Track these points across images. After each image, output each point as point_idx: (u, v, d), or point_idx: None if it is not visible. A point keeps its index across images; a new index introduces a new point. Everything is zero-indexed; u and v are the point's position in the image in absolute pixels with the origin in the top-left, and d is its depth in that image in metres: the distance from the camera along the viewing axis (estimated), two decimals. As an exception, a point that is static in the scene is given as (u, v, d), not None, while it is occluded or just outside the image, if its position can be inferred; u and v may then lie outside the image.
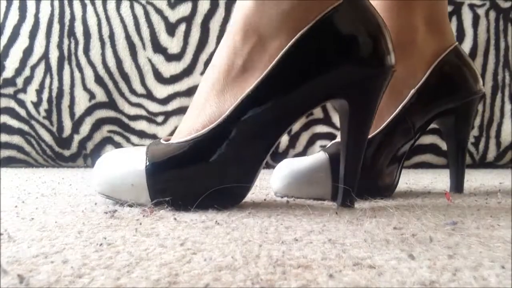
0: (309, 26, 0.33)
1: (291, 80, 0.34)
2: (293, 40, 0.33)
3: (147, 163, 0.34)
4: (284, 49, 0.34)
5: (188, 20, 0.94)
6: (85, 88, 0.94)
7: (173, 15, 0.94)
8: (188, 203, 0.34)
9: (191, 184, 0.34)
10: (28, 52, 0.93)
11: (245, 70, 0.35)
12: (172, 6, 0.94)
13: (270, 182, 0.42)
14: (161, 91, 0.94)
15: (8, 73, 0.93)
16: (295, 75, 0.34)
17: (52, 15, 0.94)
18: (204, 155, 0.34)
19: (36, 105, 0.94)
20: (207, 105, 0.35)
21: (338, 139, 0.42)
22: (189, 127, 0.35)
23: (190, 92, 0.94)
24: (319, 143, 0.96)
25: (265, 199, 0.42)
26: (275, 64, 0.34)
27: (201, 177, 0.34)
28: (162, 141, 0.37)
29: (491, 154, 0.99)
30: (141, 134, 0.95)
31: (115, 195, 0.36)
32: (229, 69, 0.35)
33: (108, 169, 0.36)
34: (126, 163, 0.35)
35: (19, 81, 0.94)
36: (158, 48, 0.94)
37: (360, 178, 0.36)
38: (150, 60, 0.94)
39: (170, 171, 0.34)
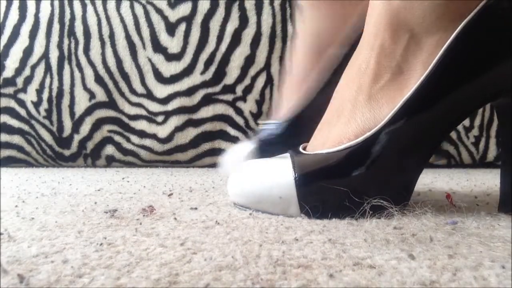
0: (474, 13, 0.30)
1: (457, 78, 0.31)
2: (456, 32, 0.30)
3: (296, 174, 0.32)
4: (446, 44, 0.30)
5: (188, 19, 0.94)
6: (85, 88, 0.94)
7: (173, 15, 0.94)
8: (342, 213, 0.31)
9: (346, 194, 0.31)
10: (28, 51, 0.93)
11: (400, 72, 0.32)
12: (172, 5, 0.94)
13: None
14: (161, 91, 0.94)
15: (8, 72, 0.93)
16: (460, 72, 0.31)
17: (52, 14, 0.94)
18: (363, 164, 0.31)
19: (36, 104, 0.94)
20: (357, 112, 0.32)
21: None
22: (338, 135, 0.33)
23: (190, 92, 0.94)
24: (319, 143, 0.96)
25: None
26: (437, 62, 0.30)
27: (359, 187, 0.31)
28: (301, 149, 0.35)
29: (491, 154, 0.99)
30: (141, 134, 0.95)
31: (259, 207, 0.34)
32: (379, 73, 0.32)
33: (251, 180, 0.34)
34: (271, 174, 0.33)
35: (19, 81, 0.94)
36: (158, 47, 0.94)
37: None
38: (150, 60, 0.94)
39: (323, 181, 0.31)
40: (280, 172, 0.33)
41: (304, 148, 0.36)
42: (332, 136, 0.33)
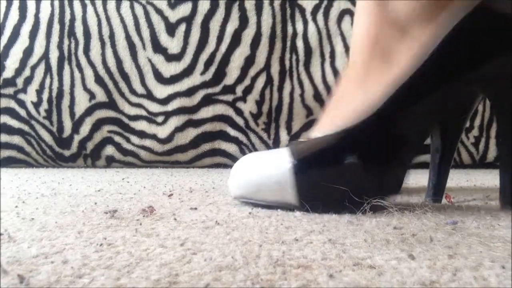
0: (470, 12, 0.31)
1: (448, 71, 0.32)
2: (449, 27, 0.31)
3: (293, 160, 0.33)
4: (439, 37, 0.31)
5: (188, 20, 0.94)
6: (85, 88, 0.94)
7: (173, 15, 0.94)
8: (336, 199, 0.32)
9: (338, 178, 0.32)
10: (28, 52, 0.93)
11: (392, 63, 0.33)
12: (172, 6, 0.94)
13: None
14: (161, 91, 0.94)
15: (8, 73, 0.93)
16: (452, 66, 0.32)
17: (52, 15, 0.94)
18: (356, 150, 0.32)
19: (36, 105, 0.94)
20: (352, 101, 0.34)
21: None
22: (333, 121, 0.34)
23: (190, 92, 0.94)
24: (319, 143, 0.96)
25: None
26: (429, 55, 0.31)
27: (349, 173, 0.32)
28: (301, 140, 0.36)
29: (491, 154, 0.99)
30: (141, 134, 0.95)
31: (258, 196, 0.34)
32: (372, 64, 0.33)
33: (250, 171, 0.35)
34: (269, 163, 0.34)
35: (19, 81, 0.94)
36: (158, 48, 0.94)
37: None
38: (150, 60, 0.94)
39: (317, 165, 0.32)
40: (278, 160, 0.33)
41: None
42: (327, 121, 0.35)
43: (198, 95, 0.94)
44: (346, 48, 0.94)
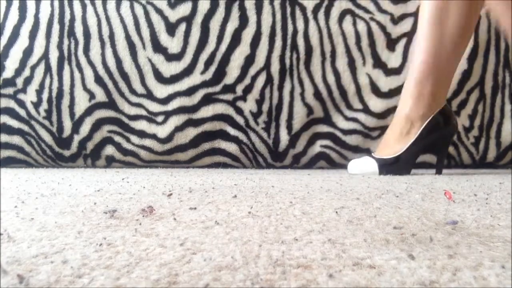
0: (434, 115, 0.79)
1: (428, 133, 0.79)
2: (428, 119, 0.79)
3: (378, 163, 0.80)
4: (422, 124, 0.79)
5: (188, 20, 0.94)
6: (85, 88, 0.94)
7: (173, 15, 0.94)
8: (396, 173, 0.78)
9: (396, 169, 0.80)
10: (28, 52, 0.93)
11: (409, 133, 0.80)
12: (172, 6, 0.94)
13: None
14: (161, 91, 0.94)
15: (8, 73, 0.93)
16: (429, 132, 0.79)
17: (52, 15, 0.94)
18: (396, 162, 0.79)
19: (36, 105, 0.94)
20: (392, 143, 0.81)
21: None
22: (387, 151, 0.81)
23: (190, 91, 0.94)
24: (319, 142, 0.96)
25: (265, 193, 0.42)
26: (419, 131, 0.79)
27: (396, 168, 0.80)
28: (374, 155, 0.81)
29: (491, 154, 0.99)
30: (141, 134, 0.95)
31: (363, 172, 0.82)
32: (400, 132, 0.81)
33: (360, 165, 0.83)
34: (368, 163, 0.81)
35: (19, 81, 0.94)
36: (158, 48, 0.94)
37: None
38: (150, 60, 0.94)
39: (386, 166, 0.79)
40: (371, 163, 0.80)
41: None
42: (386, 152, 0.81)
43: (198, 94, 0.94)
44: (347, 48, 0.94)
